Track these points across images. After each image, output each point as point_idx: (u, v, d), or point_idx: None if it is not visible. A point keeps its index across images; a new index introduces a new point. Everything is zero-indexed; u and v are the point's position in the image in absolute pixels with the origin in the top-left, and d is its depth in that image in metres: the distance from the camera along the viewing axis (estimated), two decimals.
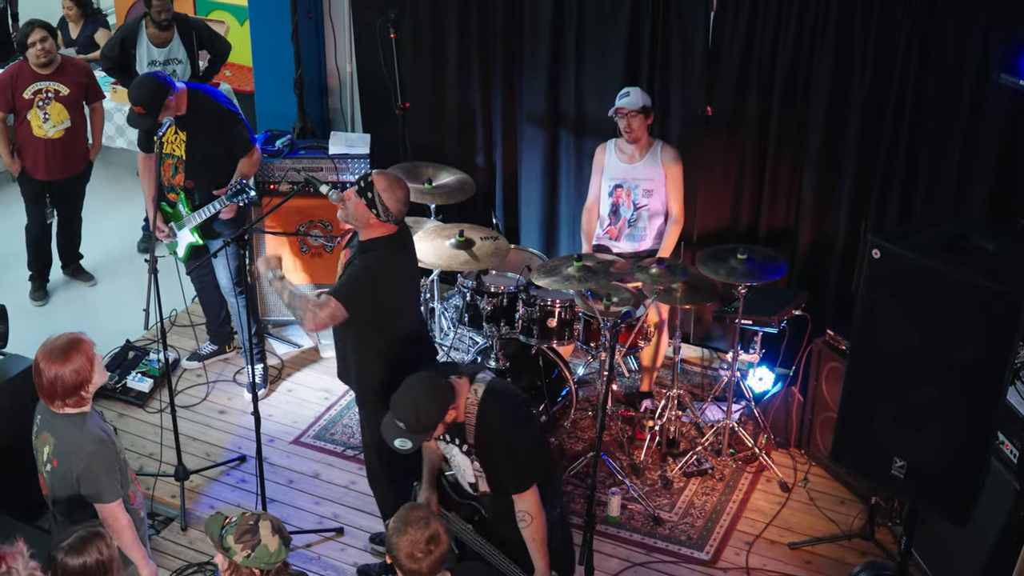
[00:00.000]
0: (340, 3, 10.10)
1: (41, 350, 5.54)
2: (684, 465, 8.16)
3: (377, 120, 10.09)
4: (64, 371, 5.45)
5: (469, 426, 5.89)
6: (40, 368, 5.50)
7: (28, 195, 10.01)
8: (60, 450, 5.56)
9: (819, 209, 8.57)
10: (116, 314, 9.73)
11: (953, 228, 6.00)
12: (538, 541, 5.96)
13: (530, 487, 5.93)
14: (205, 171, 8.33)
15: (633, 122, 8.17)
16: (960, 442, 5.79)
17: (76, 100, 9.75)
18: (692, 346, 9.47)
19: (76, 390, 5.50)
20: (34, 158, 9.74)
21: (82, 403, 5.57)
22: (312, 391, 9.08)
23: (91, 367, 5.54)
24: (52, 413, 5.58)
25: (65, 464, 5.54)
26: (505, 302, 8.04)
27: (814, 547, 7.54)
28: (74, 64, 9.97)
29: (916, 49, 7.80)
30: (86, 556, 4.95)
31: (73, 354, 5.49)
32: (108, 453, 5.57)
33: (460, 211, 9.10)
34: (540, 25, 9.08)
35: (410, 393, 5.75)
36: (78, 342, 5.56)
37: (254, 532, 4.90)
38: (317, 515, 7.82)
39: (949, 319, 5.64)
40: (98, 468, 5.51)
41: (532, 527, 5.94)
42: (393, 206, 6.37)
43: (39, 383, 5.53)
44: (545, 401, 7.91)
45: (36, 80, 9.53)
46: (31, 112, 9.57)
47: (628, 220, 8.41)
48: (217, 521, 4.99)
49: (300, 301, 6.39)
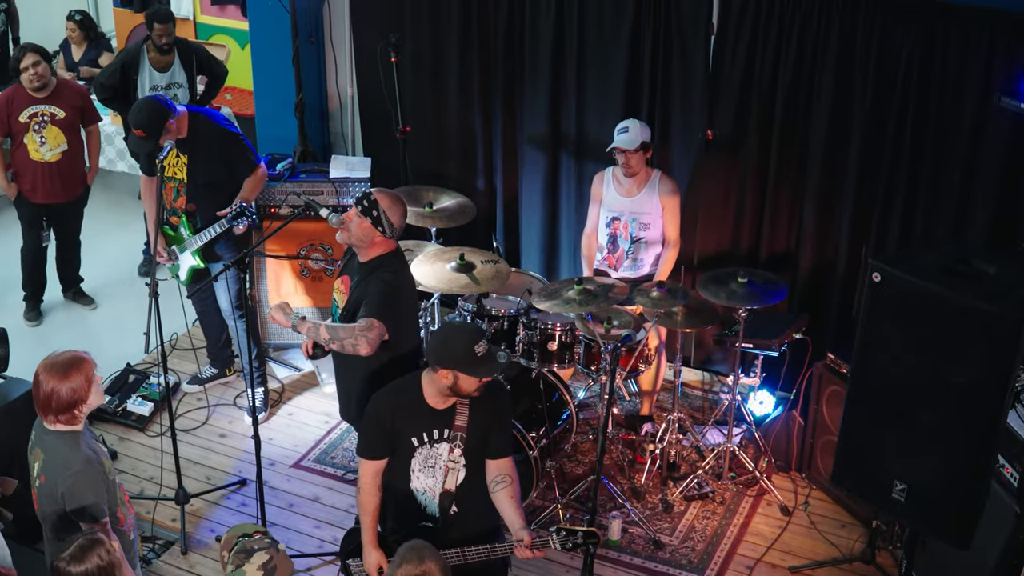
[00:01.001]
0: (341, 27, 10.13)
1: (43, 363, 5.55)
2: (685, 489, 8.15)
3: (378, 144, 10.10)
4: (61, 387, 5.46)
5: (462, 405, 5.93)
6: (39, 380, 5.50)
7: (25, 218, 10.00)
8: (48, 467, 5.56)
9: (820, 233, 8.57)
10: (117, 337, 9.73)
11: (954, 251, 6.00)
12: (516, 499, 6.01)
13: (512, 451, 6.15)
14: (207, 194, 8.31)
15: (631, 159, 8.16)
16: (960, 465, 5.79)
17: (72, 123, 9.74)
18: (693, 369, 9.47)
19: (70, 407, 5.50)
20: (32, 182, 9.73)
21: (74, 421, 5.57)
22: (312, 415, 9.07)
23: (88, 387, 5.54)
24: (45, 429, 5.58)
25: (51, 481, 5.52)
26: (506, 325, 8.04)
27: (815, 571, 7.53)
28: (70, 87, 9.98)
29: (917, 72, 7.81)
30: (87, 563, 4.98)
31: (73, 372, 5.49)
32: (95, 473, 5.55)
33: (461, 234, 9.10)
34: (540, 49, 9.10)
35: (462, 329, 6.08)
36: (80, 360, 5.56)
37: (247, 556, 4.93)
38: (317, 539, 7.80)
39: (950, 342, 5.64)
40: (84, 488, 5.47)
41: (512, 486, 6.02)
42: (396, 222, 6.50)
43: (36, 394, 5.54)
44: (546, 424, 7.90)
45: (32, 104, 9.52)
46: (27, 136, 9.56)
47: (626, 252, 8.42)
48: (241, 530, 5.12)
49: (344, 332, 6.35)
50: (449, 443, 5.96)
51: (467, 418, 5.94)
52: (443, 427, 5.96)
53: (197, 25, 12.47)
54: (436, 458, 6.00)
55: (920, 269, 5.78)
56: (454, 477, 5.99)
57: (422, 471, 6.03)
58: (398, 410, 5.96)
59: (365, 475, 6.09)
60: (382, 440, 6.02)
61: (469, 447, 5.97)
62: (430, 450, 6.00)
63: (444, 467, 5.99)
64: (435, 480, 6.02)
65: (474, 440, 5.98)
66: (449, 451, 5.96)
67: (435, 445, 5.99)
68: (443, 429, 5.96)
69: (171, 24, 9.87)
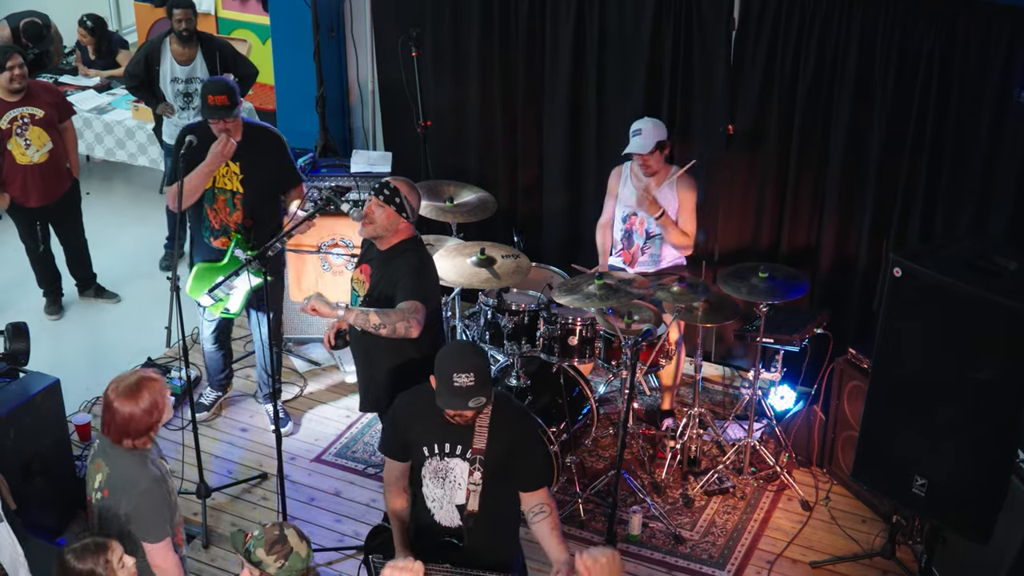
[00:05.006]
0: (362, 21, 10.13)
1: (113, 387, 5.44)
2: (705, 483, 8.15)
3: (398, 138, 10.12)
4: (138, 409, 5.38)
5: (480, 427, 5.76)
6: (113, 407, 5.40)
7: (21, 224, 9.93)
8: (112, 482, 5.48)
9: (840, 227, 8.56)
10: (138, 332, 9.77)
11: (975, 247, 6.01)
12: (557, 529, 5.84)
13: (549, 482, 6.03)
14: (263, 206, 8.09)
15: (648, 160, 8.16)
16: (981, 460, 5.79)
17: (52, 120, 9.60)
18: (713, 364, 9.47)
19: (148, 431, 5.46)
20: (22, 186, 9.60)
21: (148, 442, 5.53)
22: (334, 409, 9.09)
23: (163, 403, 5.48)
24: (111, 443, 5.49)
25: (115, 497, 5.46)
26: (526, 320, 8.06)
27: (835, 566, 7.53)
28: (41, 86, 9.90)
29: (938, 67, 7.79)
30: (83, 565, 5.00)
31: (145, 391, 5.41)
32: (161, 492, 5.51)
33: (481, 229, 9.11)
34: (561, 43, 9.10)
35: (461, 353, 5.73)
36: (149, 380, 5.48)
37: (283, 542, 4.90)
38: (339, 533, 7.83)
39: (971, 338, 5.64)
40: (148, 507, 5.44)
41: (551, 517, 5.84)
42: (416, 205, 6.64)
43: (109, 420, 5.43)
44: (566, 419, 7.90)
45: (9, 108, 9.38)
46: (11, 141, 9.42)
47: (641, 247, 8.42)
48: (239, 538, 4.99)
49: (395, 315, 6.31)
50: (469, 464, 5.81)
51: (485, 441, 5.77)
52: (457, 443, 5.82)
53: (218, 19, 12.51)
54: (447, 471, 5.87)
55: (941, 264, 5.79)
56: (475, 499, 5.83)
57: (432, 480, 5.92)
58: (416, 416, 5.88)
59: (389, 474, 6.07)
60: (397, 442, 5.98)
61: (489, 472, 5.79)
62: (440, 462, 5.87)
63: (466, 489, 5.84)
64: (443, 492, 5.89)
65: (494, 465, 5.80)
66: (469, 474, 5.81)
67: (446, 459, 5.85)
68: (457, 445, 5.82)
69: (191, 9, 9.88)
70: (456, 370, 5.54)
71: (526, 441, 5.92)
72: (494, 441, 5.77)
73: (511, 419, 5.85)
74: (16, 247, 10.15)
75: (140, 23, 12.83)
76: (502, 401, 5.87)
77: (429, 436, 5.84)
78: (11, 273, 10.71)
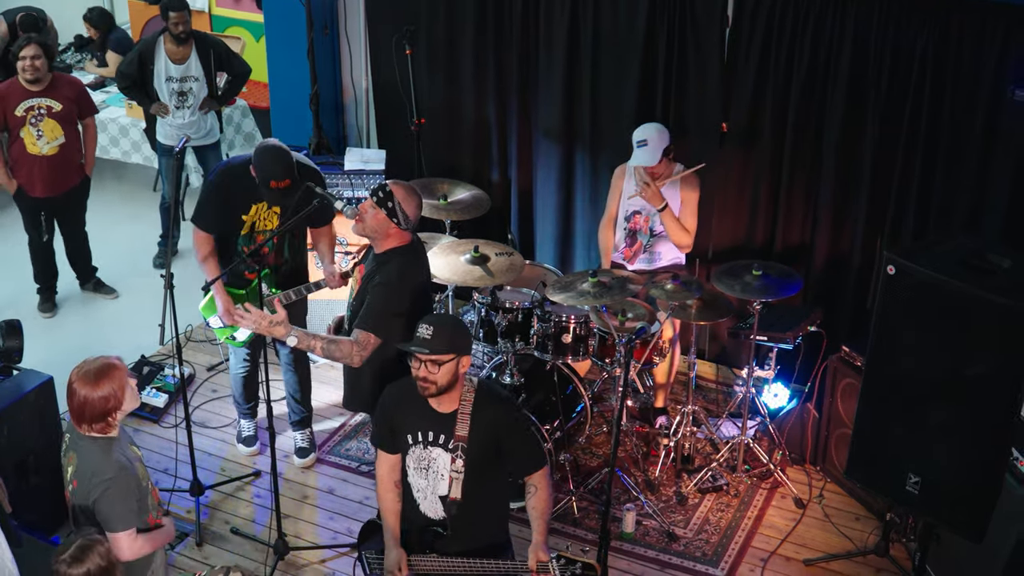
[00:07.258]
0: (356, 19, 10.13)
1: (75, 371, 5.50)
2: (699, 481, 8.15)
3: (392, 136, 10.11)
4: (94, 395, 5.41)
5: (463, 415, 5.80)
6: (72, 389, 5.46)
7: (26, 213, 9.96)
8: (80, 472, 5.53)
9: (834, 225, 8.56)
10: (131, 329, 9.76)
11: (968, 244, 6.01)
12: (539, 510, 5.89)
13: (545, 464, 6.00)
14: (300, 244, 7.90)
15: (655, 170, 8.18)
16: (974, 458, 5.80)
17: (69, 116, 9.65)
18: (707, 362, 9.47)
19: (103, 416, 5.46)
20: (29, 176, 9.66)
21: (108, 429, 5.53)
22: (327, 407, 9.07)
23: (122, 395, 5.48)
24: (79, 434, 5.54)
25: (83, 487, 5.49)
26: (520, 318, 8.05)
27: (829, 564, 7.53)
28: (65, 80, 9.89)
29: (931, 65, 7.79)
30: (88, 564, 5.00)
31: (105, 380, 5.44)
32: (128, 481, 5.52)
33: (475, 227, 9.12)
34: (555, 41, 9.09)
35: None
36: (111, 368, 5.50)
37: None
38: (332, 530, 7.82)
39: (964, 335, 5.65)
40: (114, 496, 5.45)
41: (538, 496, 5.90)
42: (411, 213, 6.45)
43: (69, 403, 5.50)
44: (560, 417, 7.90)
45: (28, 97, 9.45)
46: (24, 130, 9.48)
47: (644, 245, 8.42)
48: None
49: (337, 347, 6.31)
50: (451, 453, 5.82)
51: (467, 428, 5.80)
52: (440, 432, 5.84)
53: (212, 17, 12.50)
54: (429, 461, 5.89)
55: (935, 262, 5.80)
56: (458, 487, 5.86)
57: (415, 470, 5.94)
58: (403, 404, 5.92)
59: (380, 467, 6.08)
60: (385, 430, 6.01)
61: (472, 459, 5.82)
62: (422, 451, 5.89)
63: (448, 477, 5.86)
64: (427, 483, 5.91)
65: (477, 452, 5.82)
66: (451, 461, 5.84)
67: (429, 448, 5.88)
68: (440, 434, 5.85)
69: (186, 12, 9.86)
70: (426, 321, 5.77)
71: (512, 428, 5.94)
72: (476, 429, 5.80)
73: (494, 406, 5.88)
74: (11, 244, 10.14)
75: (134, 20, 12.81)
76: (485, 389, 5.91)
77: (414, 424, 5.88)
78: (4, 271, 10.69)
